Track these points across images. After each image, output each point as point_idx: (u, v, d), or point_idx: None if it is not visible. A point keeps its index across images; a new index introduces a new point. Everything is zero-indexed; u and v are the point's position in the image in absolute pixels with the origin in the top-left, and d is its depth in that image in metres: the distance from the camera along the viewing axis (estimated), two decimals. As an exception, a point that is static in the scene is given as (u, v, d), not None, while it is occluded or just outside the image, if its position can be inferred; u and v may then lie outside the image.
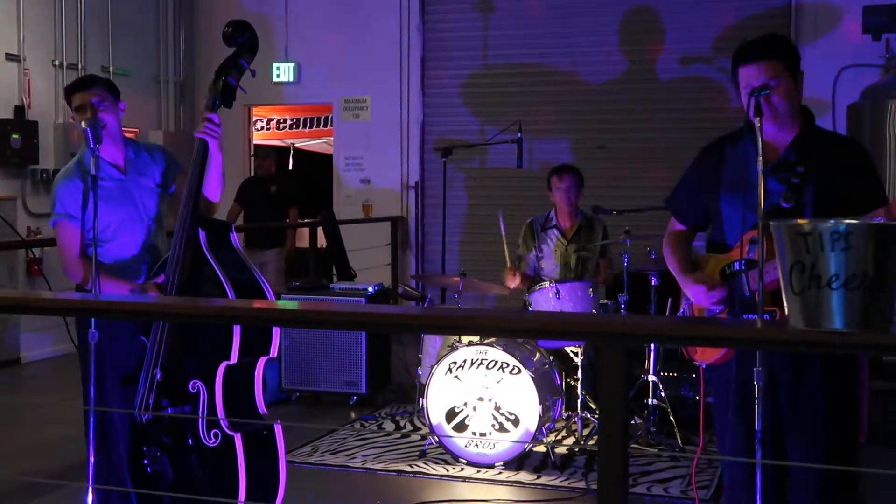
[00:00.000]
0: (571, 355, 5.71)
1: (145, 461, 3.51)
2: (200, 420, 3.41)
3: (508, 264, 6.04)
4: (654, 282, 5.74)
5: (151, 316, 3.02)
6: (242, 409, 3.48)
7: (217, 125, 3.56)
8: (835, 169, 2.99)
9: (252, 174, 9.96)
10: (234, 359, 3.39)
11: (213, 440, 3.41)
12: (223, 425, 3.39)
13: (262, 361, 3.51)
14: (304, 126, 12.89)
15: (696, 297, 3.10)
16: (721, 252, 3.15)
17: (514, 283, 5.97)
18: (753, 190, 2.91)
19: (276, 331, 3.56)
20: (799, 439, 3.00)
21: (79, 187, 3.69)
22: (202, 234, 3.47)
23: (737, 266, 3.01)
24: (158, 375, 3.46)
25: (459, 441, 5.17)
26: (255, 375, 3.51)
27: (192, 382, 3.43)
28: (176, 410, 3.44)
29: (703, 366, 3.26)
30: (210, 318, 2.33)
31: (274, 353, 3.51)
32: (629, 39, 9.35)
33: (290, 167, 13.60)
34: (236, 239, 3.62)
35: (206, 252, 3.45)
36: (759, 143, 2.75)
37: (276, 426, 3.54)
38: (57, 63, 8.79)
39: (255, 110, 11.26)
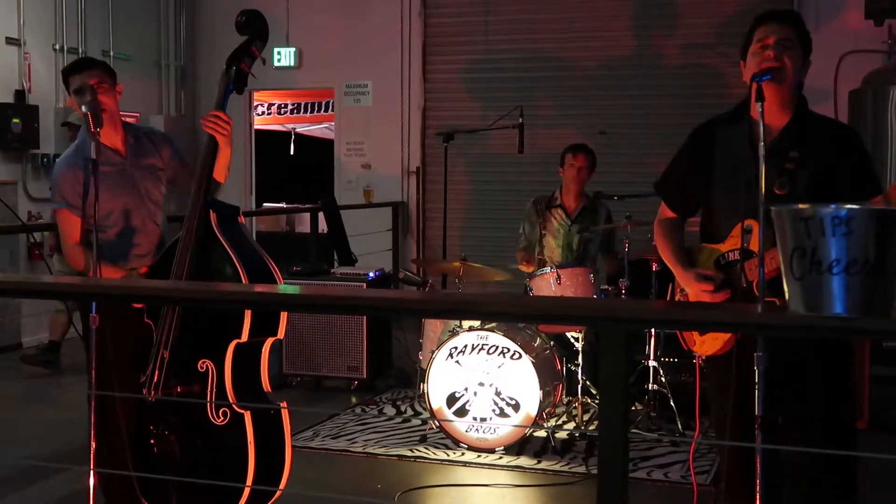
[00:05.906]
0: (572, 340, 5.71)
1: (152, 441, 3.53)
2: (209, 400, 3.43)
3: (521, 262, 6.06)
4: (654, 267, 5.74)
5: (155, 300, 3.03)
6: (250, 388, 3.50)
7: (226, 122, 3.57)
8: (829, 155, 2.95)
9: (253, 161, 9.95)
10: (244, 336, 3.41)
11: (222, 418, 3.43)
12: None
13: (269, 342, 3.53)
14: (305, 111, 12.87)
15: (695, 294, 3.05)
16: (715, 241, 3.11)
17: (528, 268, 5.98)
18: (745, 176, 2.89)
19: (285, 312, 3.59)
20: (796, 425, 3.00)
21: (78, 175, 3.68)
22: (213, 216, 3.50)
23: (732, 256, 3.00)
24: (167, 356, 3.47)
25: (460, 426, 5.19)
26: (262, 356, 3.53)
27: (201, 362, 3.45)
28: (185, 390, 3.46)
29: (703, 357, 3.24)
30: (214, 303, 2.34)
31: (282, 334, 3.54)
32: (632, 25, 9.31)
33: (292, 152, 13.58)
34: (244, 222, 3.66)
35: (218, 232, 3.47)
36: (761, 129, 2.73)
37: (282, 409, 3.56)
38: (57, 47, 8.76)
39: (255, 95, 11.23)
